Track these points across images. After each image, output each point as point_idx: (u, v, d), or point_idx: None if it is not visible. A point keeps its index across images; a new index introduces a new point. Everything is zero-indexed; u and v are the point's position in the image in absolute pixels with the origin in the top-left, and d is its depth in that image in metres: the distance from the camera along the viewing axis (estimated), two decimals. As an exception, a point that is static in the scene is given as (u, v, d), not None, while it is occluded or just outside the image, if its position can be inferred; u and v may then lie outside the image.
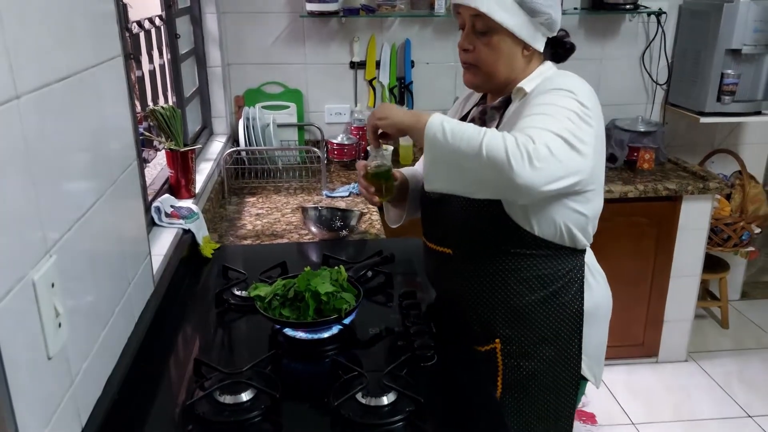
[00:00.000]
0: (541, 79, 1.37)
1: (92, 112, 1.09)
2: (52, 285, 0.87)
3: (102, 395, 1.07)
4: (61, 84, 0.95)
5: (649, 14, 2.98)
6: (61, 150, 0.96)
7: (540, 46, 1.37)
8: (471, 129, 1.21)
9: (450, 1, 1.35)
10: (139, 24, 1.90)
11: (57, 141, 0.94)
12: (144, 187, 1.71)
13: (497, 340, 1.46)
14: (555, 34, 1.39)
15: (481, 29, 1.34)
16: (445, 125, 1.22)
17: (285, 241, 2.03)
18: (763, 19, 2.76)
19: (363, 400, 1.14)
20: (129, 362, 1.18)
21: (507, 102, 1.42)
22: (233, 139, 2.85)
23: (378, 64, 2.94)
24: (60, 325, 0.89)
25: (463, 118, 1.52)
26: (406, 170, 1.68)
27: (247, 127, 2.63)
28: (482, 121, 1.45)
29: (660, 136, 2.98)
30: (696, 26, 2.94)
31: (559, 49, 1.44)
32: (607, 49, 3.06)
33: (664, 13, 2.97)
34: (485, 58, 1.37)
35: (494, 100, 1.45)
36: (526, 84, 1.37)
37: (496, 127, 1.38)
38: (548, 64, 1.43)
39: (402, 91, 2.98)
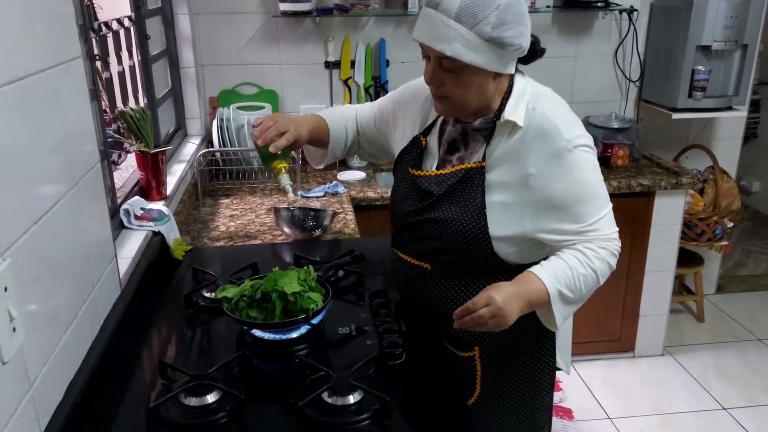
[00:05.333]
0: (525, 106, 1.32)
1: (50, 114, 1.08)
2: (5, 289, 0.86)
3: (63, 399, 1.06)
4: (13, 86, 0.94)
5: (621, 11, 3.00)
6: (16, 152, 0.95)
7: (511, 69, 1.31)
8: (583, 276, 1.28)
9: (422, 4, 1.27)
10: (107, 25, 1.88)
11: (10, 143, 0.93)
12: (112, 190, 1.70)
13: (476, 348, 1.47)
14: (526, 53, 1.32)
15: (449, 68, 1.27)
16: (564, 292, 1.27)
17: (258, 242, 2.02)
18: (733, 15, 2.80)
19: (329, 400, 1.14)
20: (93, 366, 1.17)
21: (488, 123, 1.36)
22: (208, 141, 2.83)
23: (353, 63, 2.94)
24: (15, 329, 0.88)
25: (430, 127, 1.47)
26: (328, 113, 1.66)
27: (221, 128, 2.62)
28: (465, 142, 1.41)
29: (634, 133, 3.01)
30: (667, 23, 2.97)
31: (529, 58, 1.36)
32: (580, 47, 3.08)
33: (636, 10, 2.99)
34: (456, 93, 1.31)
35: (468, 118, 1.39)
36: (514, 115, 1.31)
37: (484, 153, 1.34)
38: (519, 79, 1.37)
39: (378, 91, 2.98)
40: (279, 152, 1.47)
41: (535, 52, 1.36)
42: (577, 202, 1.31)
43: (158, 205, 1.85)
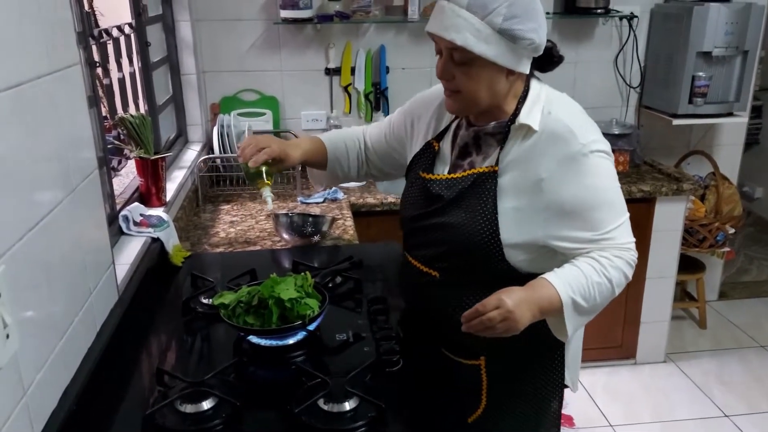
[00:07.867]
0: (540, 110, 1.30)
1: (46, 121, 1.08)
2: (-1, 295, 0.86)
3: (58, 406, 1.05)
4: (9, 92, 0.94)
5: (621, 18, 3.01)
6: (11, 158, 0.95)
7: (525, 68, 1.29)
8: (597, 284, 1.25)
9: (422, 10, 1.27)
10: (107, 32, 1.89)
11: (6, 149, 0.93)
12: (111, 196, 1.70)
13: (482, 358, 1.44)
14: (541, 53, 1.30)
15: (459, 60, 1.25)
16: (577, 300, 1.24)
17: (258, 248, 2.02)
18: (733, 22, 2.80)
19: (325, 407, 1.14)
20: (88, 373, 1.17)
21: (502, 128, 1.34)
22: (209, 147, 2.84)
23: (353, 70, 2.95)
24: (8, 336, 0.88)
25: (444, 132, 1.45)
26: (327, 135, 1.67)
27: (221, 134, 2.62)
28: (477, 146, 1.38)
29: (634, 139, 3.00)
30: (667, 29, 2.97)
31: (546, 64, 1.35)
32: (581, 53, 3.09)
33: (636, 16, 3.00)
34: (467, 87, 1.28)
35: (481, 122, 1.37)
36: (529, 119, 1.29)
37: (498, 157, 1.32)
38: (535, 84, 1.35)
39: (378, 97, 2.98)
40: (262, 169, 1.48)
41: (551, 58, 1.34)
42: (591, 209, 1.27)
43: (158, 212, 1.85)
